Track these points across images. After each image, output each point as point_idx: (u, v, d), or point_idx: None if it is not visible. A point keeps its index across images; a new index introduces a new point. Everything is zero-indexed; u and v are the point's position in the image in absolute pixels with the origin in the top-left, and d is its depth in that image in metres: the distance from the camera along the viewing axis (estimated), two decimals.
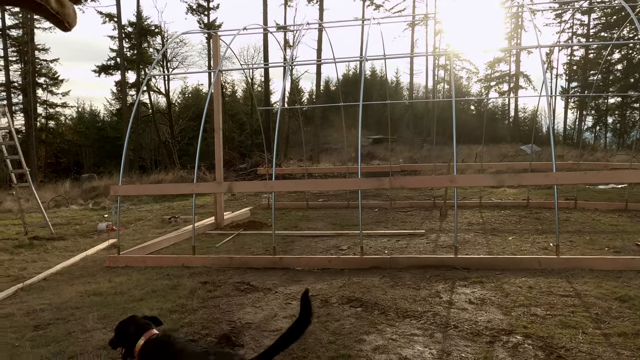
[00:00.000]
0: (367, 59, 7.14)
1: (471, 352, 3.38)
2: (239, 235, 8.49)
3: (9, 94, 32.62)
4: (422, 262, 5.88)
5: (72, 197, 16.13)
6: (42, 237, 8.88)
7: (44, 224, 9.57)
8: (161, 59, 34.83)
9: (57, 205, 14.65)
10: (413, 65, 38.30)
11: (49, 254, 7.59)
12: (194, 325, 4.14)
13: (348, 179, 9.54)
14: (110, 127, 41.06)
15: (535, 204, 10.61)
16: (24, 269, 6.59)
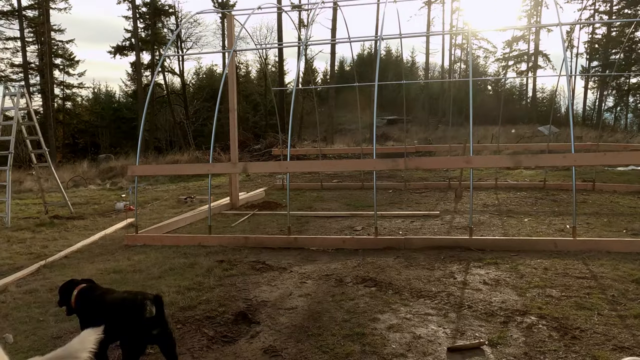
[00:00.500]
0: (383, 38, 7.05)
1: (485, 332, 3.40)
2: (254, 215, 8.57)
3: (27, 75, 33.00)
4: (437, 243, 5.89)
5: (89, 177, 16.39)
6: (62, 216, 9.07)
7: (64, 203, 9.76)
8: (175, 39, 34.78)
9: (76, 185, 14.91)
10: (429, 45, 37.70)
11: (69, 232, 7.76)
12: (211, 302, 4.22)
13: (362, 160, 9.53)
14: (126, 108, 41.38)
15: (552, 185, 10.49)
16: (46, 247, 6.75)
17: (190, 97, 38.69)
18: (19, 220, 8.84)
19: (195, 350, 3.33)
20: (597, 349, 3.08)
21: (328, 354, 3.17)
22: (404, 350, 3.17)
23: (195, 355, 3.25)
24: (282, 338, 3.46)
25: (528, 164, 6.86)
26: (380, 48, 7.74)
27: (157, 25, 36.49)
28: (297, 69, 28.26)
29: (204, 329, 3.66)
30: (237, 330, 3.64)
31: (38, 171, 10.43)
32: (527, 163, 6.22)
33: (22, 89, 9.42)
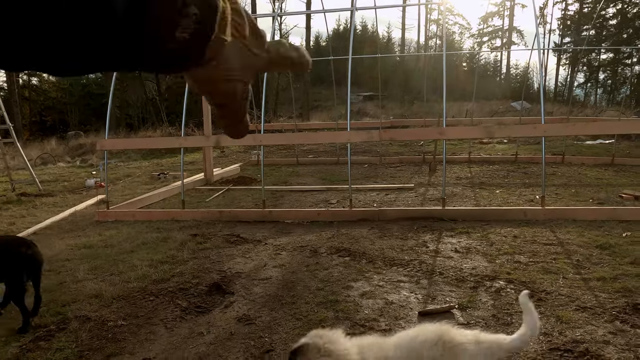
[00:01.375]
0: (357, 9, 6.95)
1: (455, 297, 3.48)
2: (229, 190, 8.50)
3: None
4: (410, 214, 5.96)
5: (58, 155, 15.94)
6: (30, 194, 8.82)
7: (32, 180, 9.48)
8: None
9: (44, 163, 14.49)
10: (405, 19, 37.52)
11: (38, 209, 7.56)
12: (184, 275, 4.20)
13: (337, 132, 9.51)
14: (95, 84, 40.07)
15: (523, 158, 10.70)
16: (13, 224, 6.57)
17: None
18: None
19: (169, 320, 3.32)
20: (561, 309, 3.19)
21: (301, 320, 3.20)
22: (376, 315, 3.22)
23: (168, 326, 3.24)
24: (256, 307, 3.47)
25: (500, 135, 6.96)
26: (355, 20, 7.66)
27: None
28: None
29: (177, 301, 3.65)
30: (211, 301, 3.63)
31: (3, 148, 10.07)
32: (499, 134, 6.31)
33: None
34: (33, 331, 3.20)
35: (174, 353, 2.86)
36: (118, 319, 3.35)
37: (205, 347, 2.91)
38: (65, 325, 3.26)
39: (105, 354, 2.88)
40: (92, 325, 3.27)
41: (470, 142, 12.62)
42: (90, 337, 3.10)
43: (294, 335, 2.98)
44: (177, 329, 3.19)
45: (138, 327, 3.23)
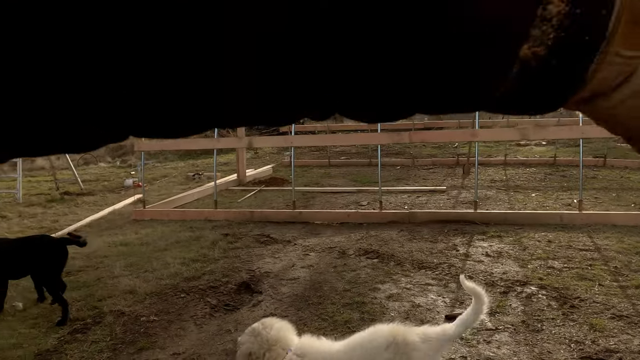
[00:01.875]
0: None
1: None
2: (261, 191, 8.61)
3: None
4: (441, 217, 5.89)
5: (100, 155, 16.53)
6: (72, 193, 9.20)
7: (74, 180, 9.89)
8: None
9: (86, 163, 15.07)
10: None
11: (79, 207, 7.88)
12: (214, 273, 4.29)
13: (368, 134, 9.48)
14: None
15: (562, 161, 10.36)
16: (56, 221, 6.88)
17: None
18: (31, 197, 8.99)
19: (198, 317, 3.41)
20: (595, 317, 3.09)
21: (327, 321, 3.22)
22: (403, 318, 3.21)
23: (197, 323, 3.33)
24: (283, 306, 3.52)
25: (535, 137, 6.79)
26: None
27: None
28: None
29: (207, 298, 3.74)
30: (239, 300, 3.71)
31: None
32: (533, 136, 6.15)
33: None
34: (71, 324, 3.35)
35: (202, 349, 2.94)
36: (150, 314, 3.47)
37: (233, 344, 2.97)
38: (101, 319, 3.40)
39: (138, 347, 2.98)
40: (126, 319, 3.40)
41: (506, 144, 12.33)
42: (123, 331, 3.22)
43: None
44: (206, 326, 3.27)
45: (169, 323, 3.33)
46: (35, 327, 3.32)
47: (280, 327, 1.99)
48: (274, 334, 1.94)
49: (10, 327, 3.33)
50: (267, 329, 1.94)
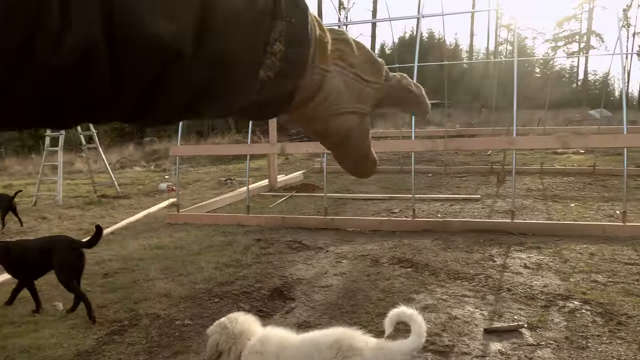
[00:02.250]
0: (424, 16, 6.86)
1: (524, 315, 3.31)
2: (292, 197, 8.63)
3: None
4: (476, 227, 5.75)
5: (135, 160, 16.96)
6: (109, 196, 9.45)
7: (111, 183, 10.16)
8: None
9: (122, 167, 15.48)
10: (473, 25, 36.47)
11: (116, 210, 8.08)
12: (247, 278, 4.30)
13: (401, 141, 9.40)
14: None
15: (602, 171, 9.99)
16: (94, 223, 7.04)
17: None
18: (70, 199, 9.28)
19: None
20: None
21: (361, 331, 3.17)
22: (439, 330, 3.13)
23: None
24: (316, 314, 3.49)
25: (576, 146, 6.57)
26: (422, 28, 7.54)
27: None
28: None
29: (240, 304, 3.74)
30: (272, 306, 3.70)
31: (87, 153, 10.88)
32: (574, 144, 5.95)
33: None
34: (108, 325, 3.41)
35: None
36: (185, 318, 3.49)
37: None
38: (137, 322, 3.45)
39: (173, 351, 3.01)
40: (161, 322, 3.43)
41: (542, 152, 11.99)
42: (159, 334, 3.25)
43: None
44: None
45: (203, 328, 3.33)
46: (75, 327, 3.40)
47: (244, 320, 2.15)
48: (239, 327, 2.09)
49: (51, 326, 3.41)
50: (233, 322, 2.10)
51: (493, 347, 2.90)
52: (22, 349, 3.07)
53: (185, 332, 3.28)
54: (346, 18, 12.78)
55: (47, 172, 9.63)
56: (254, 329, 2.14)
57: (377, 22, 27.27)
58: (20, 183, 11.91)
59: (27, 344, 3.12)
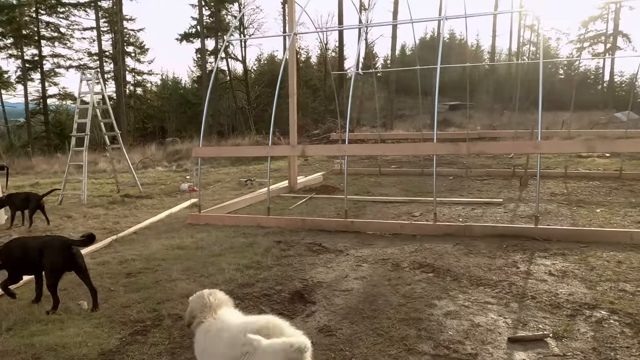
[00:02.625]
0: (447, 18, 6.79)
1: (549, 324, 3.24)
2: (312, 198, 8.64)
3: (102, 63, 34.96)
4: (499, 232, 5.67)
5: (157, 160, 17.19)
6: (132, 195, 9.59)
7: (134, 183, 10.32)
8: (238, 25, 35.46)
9: (145, 167, 15.70)
10: (496, 26, 35.97)
11: (138, 210, 8.20)
12: (268, 280, 4.32)
13: (423, 144, 9.32)
14: (192, 93, 42.78)
15: (629, 175, 9.73)
16: (117, 222, 7.18)
17: (251, 83, 39.42)
18: (94, 198, 9.46)
19: None
20: None
21: (383, 336, 3.15)
22: (462, 337, 3.09)
23: None
24: (337, 318, 3.48)
25: (602, 150, 6.42)
26: (444, 29, 7.48)
27: (221, 13, 37.34)
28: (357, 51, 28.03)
29: (261, 306, 3.76)
30: (293, 309, 3.70)
31: (111, 153, 11.07)
32: (601, 149, 5.82)
33: (97, 75, 9.99)
34: (131, 325, 3.45)
35: None
36: None
37: None
38: (160, 322, 3.49)
39: (195, 353, 3.02)
40: (183, 324, 3.46)
41: (566, 156, 11.75)
42: (181, 335, 3.28)
43: (375, 352, 2.94)
44: None
45: None
46: (99, 327, 3.45)
47: (221, 298, 2.53)
48: (213, 301, 2.47)
49: (76, 325, 3.47)
50: (212, 296, 2.49)
51: (517, 356, 2.85)
52: (48, 347, 3.13)
53: None
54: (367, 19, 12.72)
55: (72, 172, 9.83)
56: (224, 308, 2.47)
57: (398, 24, 27.08)
58: (47, 182, 12.18)
59: (53, 342, 3.18)
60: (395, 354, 2.91)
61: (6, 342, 3.25)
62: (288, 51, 8.80)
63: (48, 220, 7.16)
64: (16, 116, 36.29)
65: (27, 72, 33.94)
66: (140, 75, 41.24)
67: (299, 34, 19.30)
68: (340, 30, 31.31)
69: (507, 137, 13.92)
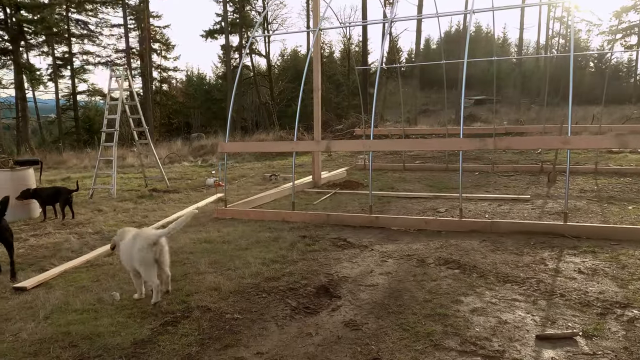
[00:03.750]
0: (474, 12, 6.69)
1: (579, 323, 3.20)
2: (336, 194, 8.66)
3: (129, 60, 35.63)
4: (526, 228, 5.59)
5: (183, 155, 17.48)
6: (159, 190, 9.79)
7: (161, 178, 10.53)
8: (262, 21, 35.62)
9: (171, 162, 15.99)
10: (524, 18, 35.18)
11: (166, 204, 8.37)
12: (294, 275, 4.37)
13: (448, 139, 9.23)
14: (216, 89, 43.28)
15: None
16: (146, 216, 7.35)
17: (275, 79, 39.60)
18: (123, 192, 9.69)
19: (279, 318, 3.48)
20: None
21: (408, 332, 3.16)
22: (489, 334, 3.07)
23: (279, 324, 3.39)
24: (362, 313, 3.50)
25: (635, 146, 6.24)
26: (470, 23, 7.36)
27: (245, 9, 37.57)
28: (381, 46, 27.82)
29: (287, 300, 3.81)
30: (318, 303, 3.74)
31: (139, 148, 11.31)
32: (634, 144, 5.66)
33: (126, 72, 10.20)
34: (162, 316, 3.55)
35: (284, 350, 2.99)
36: (234, 312, 3.59)
37: (314, 348, 3.01)
38: (189, 314, 3.58)
39: (223, 344, 3.10)
40: (211, 315, 3.55)
41: (597, 151, 11.47)
42: (210, 326, 3.36)
43: (401, 347, 2.96)
44: (287, 327, 3.33)
45: (252, 322, 3.43)
46: (131, 317, 3.56)
47: (132, 228, 4.12)
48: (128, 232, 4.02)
49: (110, 315, 3.59)
50: (125, 230, 4.08)
51: (546, 354, 2.82)
52: (84, 336, 3.25)
53: (235, 325, 3.37)
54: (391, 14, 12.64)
55: (101, 166, 10.08)
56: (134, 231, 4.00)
57: (423, 17, 26.72)
58: (77, 176, 12.52)
59: (88, 331, 3.30)
60: (422, 349, 2.92)
61: (44, 330, 3.38)
62: (312, 47, 8.82)
63: (73, 214, 7.37)
64: (47, 112, 37.40)
65: (58, 70, 34.89)
66: (166, 72, 41.90)
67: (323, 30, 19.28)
68: (364, 25, 31.12)
69: (535, 133, 13.66)
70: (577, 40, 42.14)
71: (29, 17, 27.78)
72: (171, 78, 43.20)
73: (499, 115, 24.09)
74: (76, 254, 5.36)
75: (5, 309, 3.81)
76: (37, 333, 3.33)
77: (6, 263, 4.73)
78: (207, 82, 46.74)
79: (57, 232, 6.50)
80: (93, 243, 5.82)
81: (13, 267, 4.60)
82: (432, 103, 36.92)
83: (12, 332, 3.38)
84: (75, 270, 4.80)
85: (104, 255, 5.27)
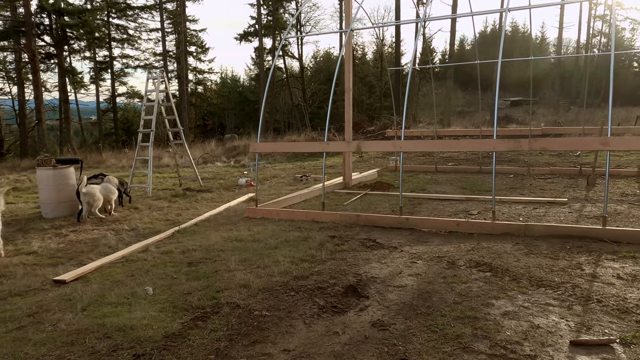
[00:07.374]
0: (510, 10, 6.54)
1: (616, 329, 3.08)
2: (366, 195, 8.63)
3: (166, 62, 36.50)
4: (562, 232, 5.42)
5: (216, 155, 17.78)
6: (193, 189, 10.00)
7: (195, 177, 10.75)
8: (295, 23, 35.87)
9: (205, 162, 16.30)
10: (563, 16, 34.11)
11: (199, 203, 8.54)
12: (322, 274, 4.38)
13: (481, 140, 9.04)
14: (250, 91, 43.85)
15: None
16: (179, 215, 7.52)
17: (307, 80, 39.80)
18: (158, 191, 9.94)
19: (307, 316, 3.50)
20: None
21: (437, 333, 3.12)
22: (520, 338, 3.00)
23: (306, 322, 3.41)
24: (390, 314, 3.48)
25: None
26: (506, 22, 7.20)
27: (279, 11, 37.93)
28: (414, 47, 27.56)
29: (315, 298, 3.82)
30: (346, 302, 3.74)
31: (174, 148, 11.58)
32: None
33: (163, 74, 10.47)
34: (193, 311, 3.63)
35: (311, 348, 3.01)
36: (263, 309, 3.63)
37: (341, 347, 3.01)
38: (219, 310, 3.64)
39: (251, 340, 3.14)
40: (240, 312, 3.60)
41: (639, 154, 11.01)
42: (238, 322, 3.41)
43: (429, 348, 2.92)
44: (314, 326, 3.34)
45: (280, 319, 3.46)
46: (163, 311, 3.65)
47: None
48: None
49: (143, 309, 3.69)
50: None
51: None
52: (118, 328, 3.35)
53: (263, 322, 3.41)
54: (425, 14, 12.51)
55: (138, 166, 10.37)
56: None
57: (457, 17, 26.31)
58: (116, 175, 12.91)
59: (122, 324, 3.41)
60: (450, 352, 2.88)
61: (81, 321, 3.51)
62: (344, 48, 8.82)
63: (111, 212, 7.61)
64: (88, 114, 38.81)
65: (99, 73, 36.14)
66: (201, 74, 42.74)
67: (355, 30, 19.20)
68: (397, 26, 30.88)
69: (573, 134, 13.24)
70: (620, 39, 40.54)
71: (72, 22, 28.85)
72: (206, 80, 44.07)
73: (536, 116, 23.44)
74: (112, 249, 5.54)
75: (46, 300, 3.98)
76: (74, 324, 3.46)
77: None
78: (241, 84, 47.41)
79: (95, 228, 6.73)
80: (128, 239, 6.00)
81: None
82: (466, 104, 36.24)
83: (51, 322, 3.53)
84: (111, 265, 4.96)
85: (138, 251, 5.43)
